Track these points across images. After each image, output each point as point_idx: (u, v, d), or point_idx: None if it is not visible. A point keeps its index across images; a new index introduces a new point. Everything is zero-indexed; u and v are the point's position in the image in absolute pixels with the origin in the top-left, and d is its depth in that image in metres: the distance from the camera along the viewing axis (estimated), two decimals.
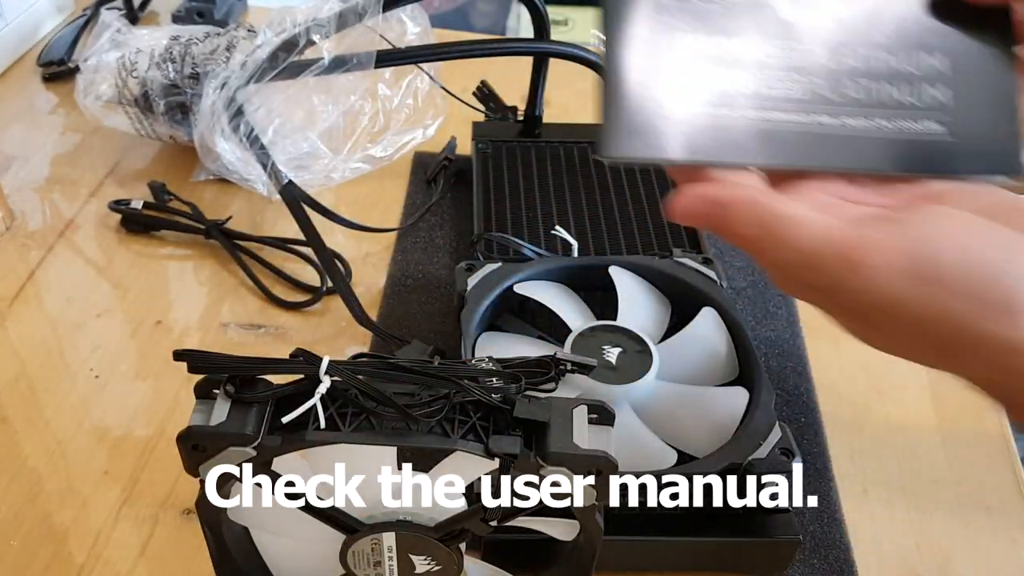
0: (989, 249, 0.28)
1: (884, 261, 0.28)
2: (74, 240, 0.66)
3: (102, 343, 0.58)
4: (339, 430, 0.33)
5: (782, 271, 0.30)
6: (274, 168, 0.60)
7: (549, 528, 0.37)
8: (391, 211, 0.70)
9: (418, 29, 0.65)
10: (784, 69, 0.34)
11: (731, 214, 0.30)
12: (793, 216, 0.29)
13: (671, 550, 0.45)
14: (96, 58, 0.69)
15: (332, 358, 0.32)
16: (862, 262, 0.28)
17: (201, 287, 0.63)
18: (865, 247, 0.28)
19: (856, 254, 0.28)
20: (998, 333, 0.27)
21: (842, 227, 0.29)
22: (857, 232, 0.28)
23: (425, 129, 0.70)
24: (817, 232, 0.29)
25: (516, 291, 0.53)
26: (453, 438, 0.32)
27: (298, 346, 0.33)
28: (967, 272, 0.27)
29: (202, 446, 0.33)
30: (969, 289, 0.27)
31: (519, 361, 0.35)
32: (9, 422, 0.52)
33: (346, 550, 0.37)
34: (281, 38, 0.60)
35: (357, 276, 0.64)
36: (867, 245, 0.28)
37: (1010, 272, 0.27)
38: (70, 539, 0.46)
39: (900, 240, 0.28)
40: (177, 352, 0.33)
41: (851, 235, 0.28)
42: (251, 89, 0.61)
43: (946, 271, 0.27)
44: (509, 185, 0.67)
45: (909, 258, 0.28)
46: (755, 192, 0.30)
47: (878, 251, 0.28)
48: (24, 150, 0.75)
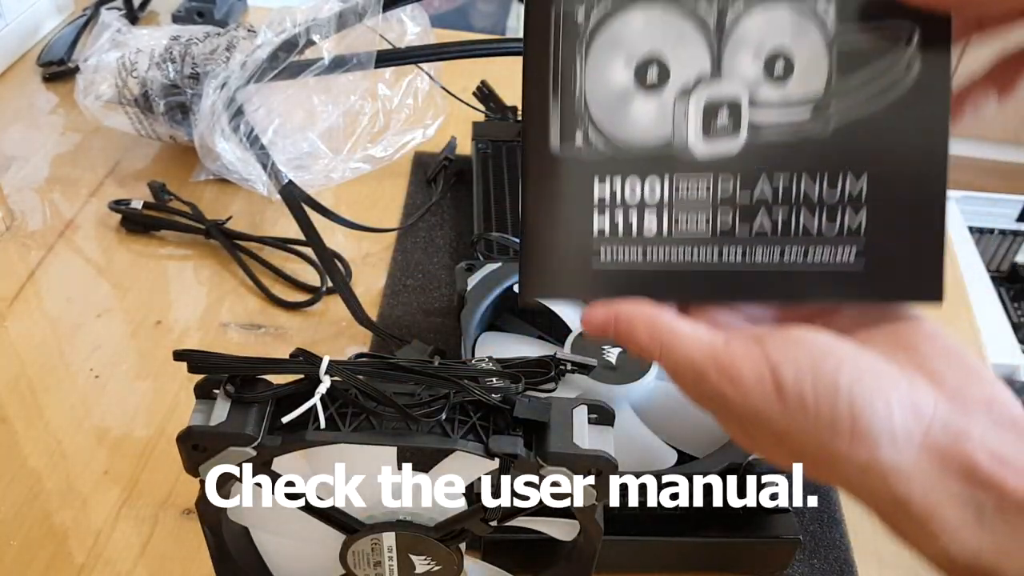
0: (837, 372, 0.30)
1: (754, 376, 0.30)
2: (74, 240, 0.66)
3: (102, 343, 0.58)
4: (339, 430, 0.32)
5: (679, 380, 0.33)
6: (274, 168, 0.60)
7: (549, 528, 0.37)
8: (391, 211, 0.70)
9: (418, 29, 0.65)
10: (694, 208, 0.35)
11: (632, 328, 0.33)
12: (683, 332, 0.32)
13: (671, 550, 0.45)
14: (96, 58, 0.69)
15: (332, 358, 0.32)
16: (738, 376, 0.30)
17: (201, 287, 0.63)
18: (737, 362, 0.31)
19: (732, 369, 0.31)
20: (847, 454, 0.29)
21: (724, 342, 0.32)
22: (730, 348, 0.31)
23: (425, 129, 0.70)
24: (703, 347, 0.32)
25: (516, 291, 0.53)
26: (453, 438, 0.32)
27: (298, 346, 0.33)
28: (816, 393, 0.29)
29: (202, 446, 0.33)
30: (819, 410, 0.29)
31: (519, 361, 0.35)
32: (9, 422, 0.52)
33: (346, 550, 0.37)
34: (281, 38, 0.60)
35: (357, 276, 0.64)
36: (738, 360, 0.31)
37: (856, 394, 0.29)
38: (70, 539, 0.46)
39: (763, 359, 0.31)
40: (177, 352, 0.33)
41: (727, 350, 0.31)
42: (251, 89, 0.61)
43: (802, 391, 0.30)
44: (509, 185, 0.67)
45: (772, 376, 0.30)
46: (654, 310, 0.34)
47: (746, 366, 0.31)
48: (24, 150, 0.75)
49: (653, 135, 0.35)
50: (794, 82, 0.35)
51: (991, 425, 0.29)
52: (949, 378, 0.30)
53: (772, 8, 0.35)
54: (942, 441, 0.29)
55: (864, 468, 0.29)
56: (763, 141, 0.35)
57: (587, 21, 0.35)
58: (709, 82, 0.35)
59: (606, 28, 0.35)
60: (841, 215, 0.35)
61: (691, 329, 0.33)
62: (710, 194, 0.35)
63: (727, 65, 0.35)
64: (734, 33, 0.35)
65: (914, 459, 0.29)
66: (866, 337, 0.32)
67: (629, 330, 0.33)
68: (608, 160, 0.35)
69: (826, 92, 0.35)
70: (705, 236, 0.35)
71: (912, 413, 0.29)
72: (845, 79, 0.35)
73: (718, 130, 0.35)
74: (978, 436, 0.29)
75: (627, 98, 0.35)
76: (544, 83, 0.35)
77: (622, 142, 0.35)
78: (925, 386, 0.30)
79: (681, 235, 0.36)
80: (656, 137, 0.35)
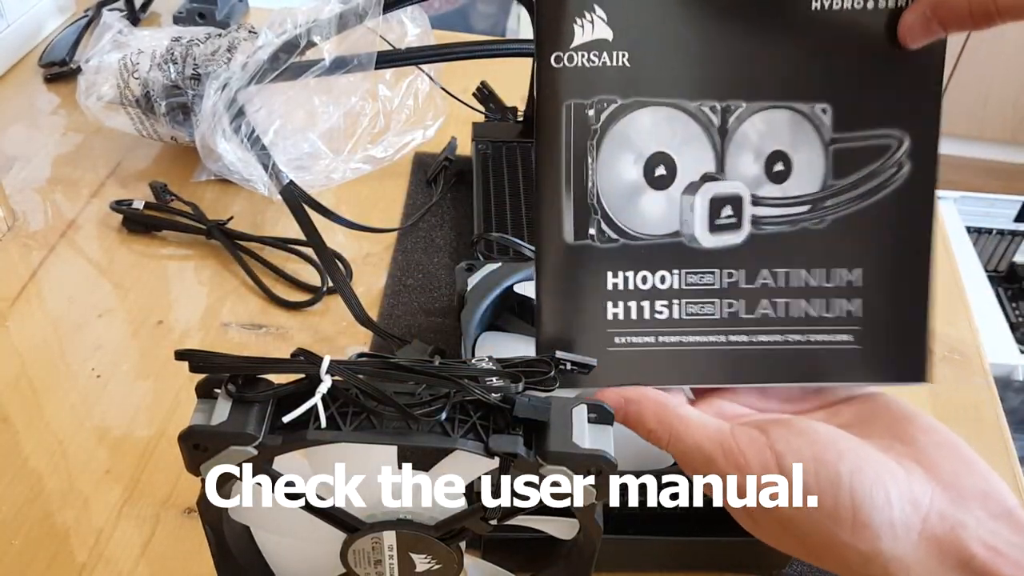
0: (838, 463, 0.30)
1: (759, 463, 0.31)
2: (75, 240, 0.66)
3: (103, 343, 0.58)
4: (340, 429, 0.33)
5: (686, 464, 0.34)
6: (275, 168, 0.60)
7: (549, 527, 0.37)
8: (391, 211, 0.71)
9: (418, 30, 0.65)
10: (703, 296, 0.37)
11: (641, 410, 0.35)
12: (690, 419, 0.34)
13: (671, 550, 0.45)
14: (98, 59, 0.70)
15: (333, 358, 0.32)
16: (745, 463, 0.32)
17: (202, 287, 0.63)
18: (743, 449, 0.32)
19: (739, 456, 0.32)
20: (849, 543, 0.30)
21: (730, 430, 0.33)
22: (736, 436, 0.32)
23: (425, 130, 0.70)
24: (711, 433, 0.33)
25: (516, 291, 0.53)
26: (453, 437, 0.32)
27: (299, 346, 0.34)
28: (818, 482, 0.30)
29: (203, 445, 0.33)
30: (822, 500, 0.30)
31: (519, 361, 0.35)
32: (10, 422, 0.52)
33: (347, 549, 0.37)
34: (282, 39, 0.60)
35: (357, 276, 0.64)
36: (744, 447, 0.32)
37: (856, 484, 0.30)
38: (71, 538, 0.47)
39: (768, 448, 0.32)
40: (178, 352, 0.33)
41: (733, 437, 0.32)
42: (252, 90, 0.61)
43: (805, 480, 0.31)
44: (509, 185, 0.67)
45: (776, 464, 0.31)
46: (662, 397, 0.35)
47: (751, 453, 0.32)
48: (26, 150, 0.75)
49: (662, 228, 0.37)
50: (793, 181, 0.37)
51: (986, 516, 0.30)
52: (945, 469, 0.31)
53: (772, 112, 0.36)
54: (939, 531, 0.30)
55: (867, 557, 0.30)
56: (764, 233, 0.37)
57: (598, 119, 0.36)
58: (714, 179, 0.37)
59: (616, 127, 0.36)
60: (838, 302, 0.37)
61: (698, 416, 0.34)
62: (717, 282, 0.37)
63: (730, 164, 0.37)
64: (736, 134, 0.36)
65: (913, 549, 0.29)
66: (865, 430, 0.34)
67: (638, 415, 0.35)
68: (620, 251, 0.37)
69: (822, 189, 0.37)
70: (713, 319, 0.37)
71: (910, 504, 0.30)
72: (840, 178, 0.37)
73: (723, 224, 0.37)
74: (973, 526, 0.29)
75: (637, 193, 0.37)
76: (557, 177, 0.37)
77: (633, 234, 0.37)
78: (922, 477, 0.31)
79: (690, 320, 0.37)
80: (665, 230, 0.37)
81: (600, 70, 0.35)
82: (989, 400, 0.58)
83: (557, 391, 0.34)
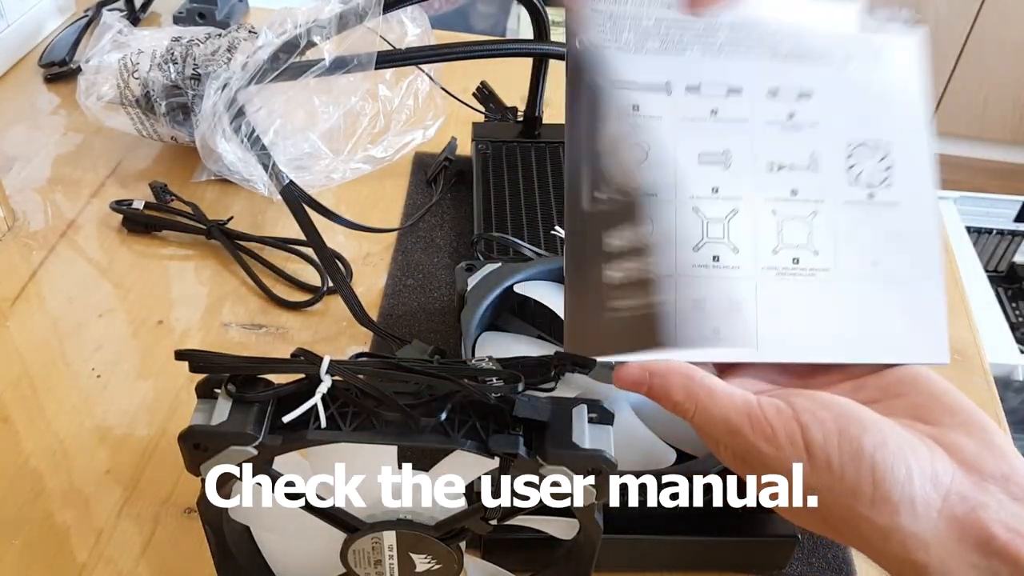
0: (862, 436, 0.30)
1: (785, 434, 0.31)
2: (76, 240, 0.66)
3: (104, 343, 0.58)
4: (340, 429, 0.33)
5: (708, 435, 0.34)
6: (275, 168, 0.60)
7: (549, 527, 0.37)
8: (391, 211, 0.71)
9: (418, 30, 0.65)
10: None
11: (667, 383, 0.34)
12: (718, 390, 0.33)
13: (671, 550, 0.45)
14: (98, 59, 0.70)
15: (333, 358, 0.32)
16: (772, 433, 0.31)
17: (202, 287, 0.63)
18: (771, 419, 0.32)
19: (766, 426, 0.32)
20: (868, 516, 0.30)
21: (757, 401, 0.33)
22: (763, 406, 0.32)
23: (425, 130, 0.70)
24: (738, 404, 0.33)
25: (516, 291, 0.53)
26: (453, 437, 0.33)
27: (299, 346, 0.34)
28: (841, 455, 0.30)
29: (203, 445, 0.33)
30: (844, 472, 0.30)
31: (519, 361, 0.35)
32: (11, 422, 0.52)
33: (347, 549, 0.37)
34: (282, 39, 0.60)
35: (357, 276, 0.64)
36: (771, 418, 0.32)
37: (878, 459, 0.30)
38: (72, 538, 0.47)
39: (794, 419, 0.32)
40: (179, 352, 0.33)
41: (760, 408, 0.32)
42: (252, 90, 0.61)
43: (828, 452, 0.31)
44: (509, 185, 0.67)
45: (802, 435, 0.31)
46: (689, 368, 0.35)
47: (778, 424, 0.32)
48: (26, 150, 0.75)
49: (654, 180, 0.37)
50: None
51: (1007, 499, 0.30)
52: (968, 450, 0.31)
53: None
54: (959, 511, 0.29)
55: (885, 533, 0.30)
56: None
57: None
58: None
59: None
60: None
61: (725, 387, 0.34)
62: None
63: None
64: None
65: (932, 527, 0.29)
66: (890, 406, 0.34)
67: (664, 388, 0.34)
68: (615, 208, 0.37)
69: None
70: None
71: (931, 481, 0.30)
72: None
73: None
74: (994, 508, 0.29)
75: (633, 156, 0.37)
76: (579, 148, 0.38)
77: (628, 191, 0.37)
78: (944, 456, 0.31)
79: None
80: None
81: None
82: (989, 400, 0.58)
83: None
